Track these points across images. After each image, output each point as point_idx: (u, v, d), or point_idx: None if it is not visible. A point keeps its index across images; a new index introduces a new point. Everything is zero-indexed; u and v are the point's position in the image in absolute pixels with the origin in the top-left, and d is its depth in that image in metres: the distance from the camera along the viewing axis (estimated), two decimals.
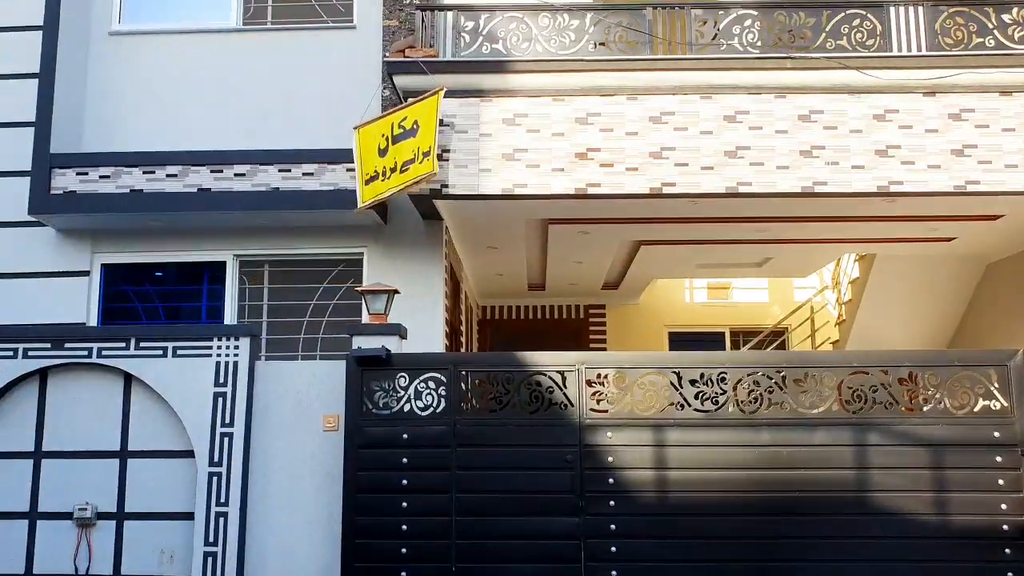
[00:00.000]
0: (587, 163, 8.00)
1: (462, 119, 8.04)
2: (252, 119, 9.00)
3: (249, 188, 8.52)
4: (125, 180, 8.61)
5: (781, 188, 7.85)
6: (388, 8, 9.07)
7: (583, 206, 8.51)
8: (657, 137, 7.95)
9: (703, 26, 8.17)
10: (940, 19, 8.05)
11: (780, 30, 8.08)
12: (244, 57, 9.23)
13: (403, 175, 7.62)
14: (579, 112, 8.06)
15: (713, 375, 6.50)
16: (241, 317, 8.99)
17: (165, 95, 9.16)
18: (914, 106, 7.93)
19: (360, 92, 8.84)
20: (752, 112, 7.91)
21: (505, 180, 8.00)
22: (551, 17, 8.24)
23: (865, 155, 7.87)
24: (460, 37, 8.33)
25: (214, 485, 6.57)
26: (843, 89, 7.90)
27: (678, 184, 7.89)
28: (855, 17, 8.07)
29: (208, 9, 9.48)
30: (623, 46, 8.17)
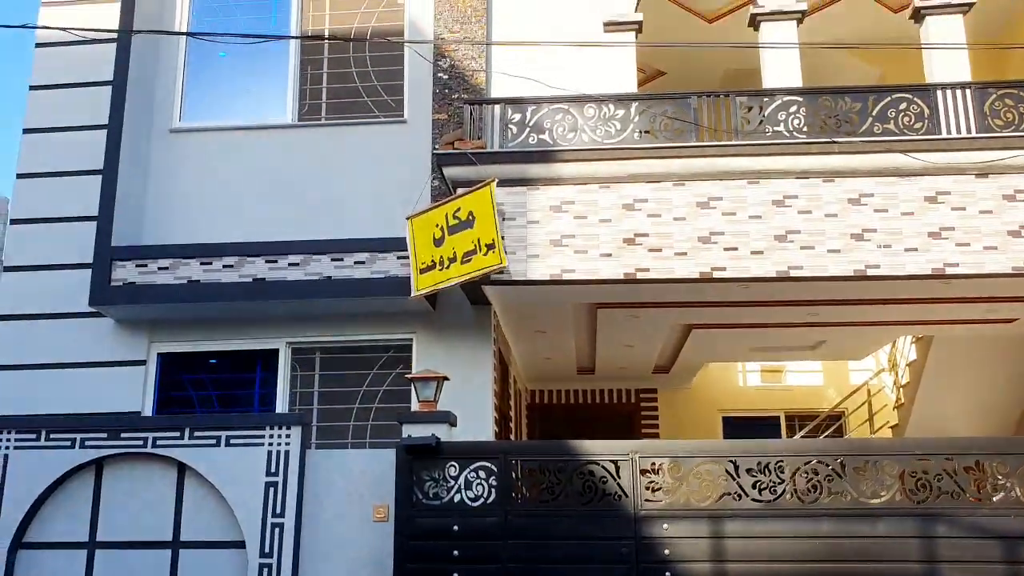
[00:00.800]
0: (635, 248, 8.01)
1: (510, 207, 8.14)
2: (305, 210, 9.23)
3: (302, 277, 8.68)
4: (183, 271, 8.84)
5: (833, 272, 7.76)
6: (437, 103, 9.31)
7: (632, 290, 8.50)
8: (705, 222, 7.95)
9: (748, 112, 8.23)
10: (989, 101, 8.03)
11: (826, 115, 8.12)
12: (299, 151, 9.52)
13: (465, 266, 7.67)
14: (626, 198, 8.12)
15: (770, 464, 6.35)
16: (292, 404, 9.05)
17: (222, 188, 9.45)
18: (967, 188, 7.85)
19: (410, 183, 9.02)
20: (801, 196, 7.89)
21: (553, 266, 8.03)
22: (596, 108, 8.38)
23: (918, 237, 7.77)
24: (507, 128, 8.50)
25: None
26: (893, 172, 7.86)
27: (728, 268, 7.85)
28: (901, 101, 8.08)
29: (265, 106, 9.82)
30: (668, 134, 8.26)
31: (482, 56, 9.40)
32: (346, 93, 9.74)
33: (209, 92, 9.97)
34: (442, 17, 9.53)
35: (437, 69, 9.37)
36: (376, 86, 9.71)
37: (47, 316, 9.09)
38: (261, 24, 10.16)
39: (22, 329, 9.10)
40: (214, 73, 10.02)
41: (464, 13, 9.51)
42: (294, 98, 9.71)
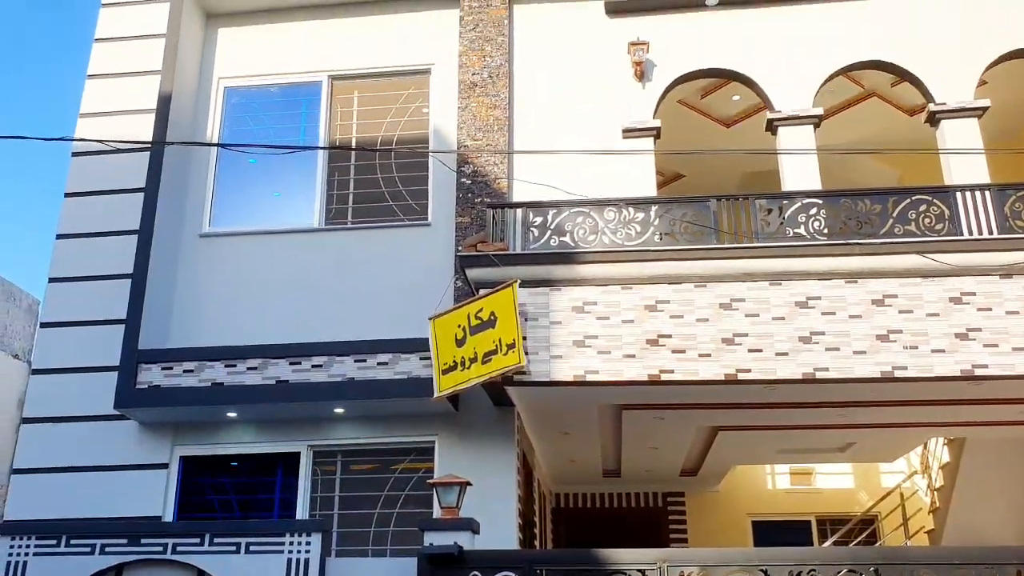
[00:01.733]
0: (659, 349, 7.97)
1: (532, 308, 8.17)
2: (330, 311, 9.32)
3: (325, 379, 8.71)
4: (207, 374, 8.89)
5: (859, 373, 7.67)
6: (461, 206, 9.49)
7: (656, 392, 8.42)
8: (728, 323, 7.93)
9: (768, 215, 8.31)
10: (1008, 202, 8.07)
11: (846, 216, 8.17)
12: (324, 254, 9.68)
13: (485, 366, 7.68)
14: (648, 300, 8.13)
15: (803, 572, 6.14)
16: (313, 509, 8.94)
17: (249, 291, 9.59)
18: (992, 288, 7.80)
19: (433, 284, 9.11)
20: (824, 297, 7.87)
21: (576, 367, 8.00)
22: (616, 211, 8.49)
23: (945, 338, 7.69)
24: (529, 231, 8.61)
25: None
26: (916, 273, 7.84)
27: (753, 370, 7.78)
28: (921, 203, 8.12)
29: (293, 211, 10.06)
30: (688, 236, 8.33)
31: (504, 162, 9.61)
32: (372, 197, 9.96)
33: (238, 197, 10.22)
34: (465, 125, 9.80)
35: (460, 174, 9.58)
36: (401, 191, 9.93)
37: (72, 419, 9.14)
38: (291, 132, 10.50)
39: (47, 432, 9.14)
40: (244, 179, 10.31)
41: (487, 122, 9.78)
42: (321, 202, 9.93)
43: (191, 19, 10.51)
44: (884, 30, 9.68)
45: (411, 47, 10.38)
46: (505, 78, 9.99)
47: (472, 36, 10.16)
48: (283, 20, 10.70)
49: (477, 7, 10.25)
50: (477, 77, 9.99)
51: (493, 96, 9.92)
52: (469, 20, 10.21)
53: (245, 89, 10.63)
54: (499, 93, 9.92)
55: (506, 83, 9.97)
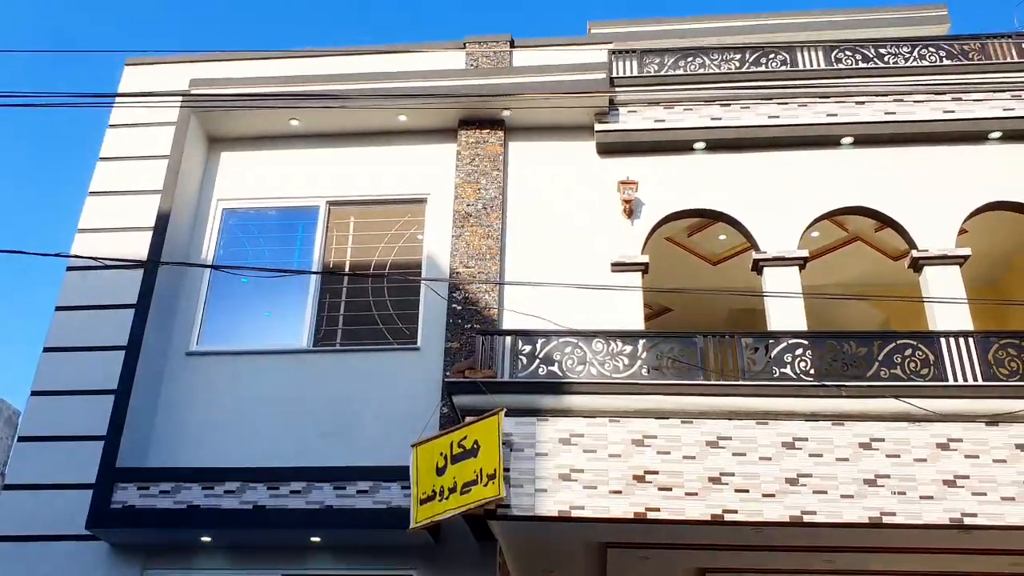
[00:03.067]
0: (645, 486, 7.86)
1: (519, 438, 8.09)
2: (314, 435, 9.21)
3: (303, 505, 8.52)
4: (184, 495, 8.70)
5: (848, 518, 7.55)
6: (451, 332, 9.54)
7: (642, 530, 8.24)
8: (715, 461, 7.85)
9: (754, 353, 8.36)
10: (992, 350, 8.14)
11: (832, 358, 8.22)
12: (312, 375, 9.64)
13: (464, 496, 7.53)
14: (635, 434, 8.07)
15: None
16: None
17: (233, 411, 9.49)
18: (978, 436, 7.79)
19: (420, 409, 9.06)
20: (811, 439, 7.83)
21: (561, 501, 7.86)
22: (604, 343, 8.54)
23: (933, 485, 7.62)
24: (518, 359, 8.62)
25: None
26: (903, 417, 7.84)
27: (739, 511, 7.65)
28: (906, 347, 8.20)
29: (282, 331, 10.09)
30: (675, 371, 8.35)
31: (495, 290, 9.73)
32: (362, 320, 10.01)
33: (229, 316, 10.26)
34: (458, 253, 9.97)
35: (452, 300, 9.68)
36: (392, 315, 10.00)
37: (42, 538, 8.84)
38: (286, 254, 10.64)
39: (14, 552, 8.81)
40: (235, 299, 10.37)
41: (479, 251, 9.95)
42: (311, 324, 9.97)
43: (194, 142, 10.81)
44: (868, 177, 10.03)
45: (409, 177, 10.67)
46: (499, 210, 10.23)
47: (468, 169, 10.46)
48: (284, 147, 11.01)
49: (474, 142, 10.60)
50: (472, 208, 10.23)
51: (487, 226, 10.13)
52: (466, 154, 10.54)
53: (243, 211, 10.84)
54: (492, 224, 10.14)
55: (500, 215, 10.20)
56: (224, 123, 10.95)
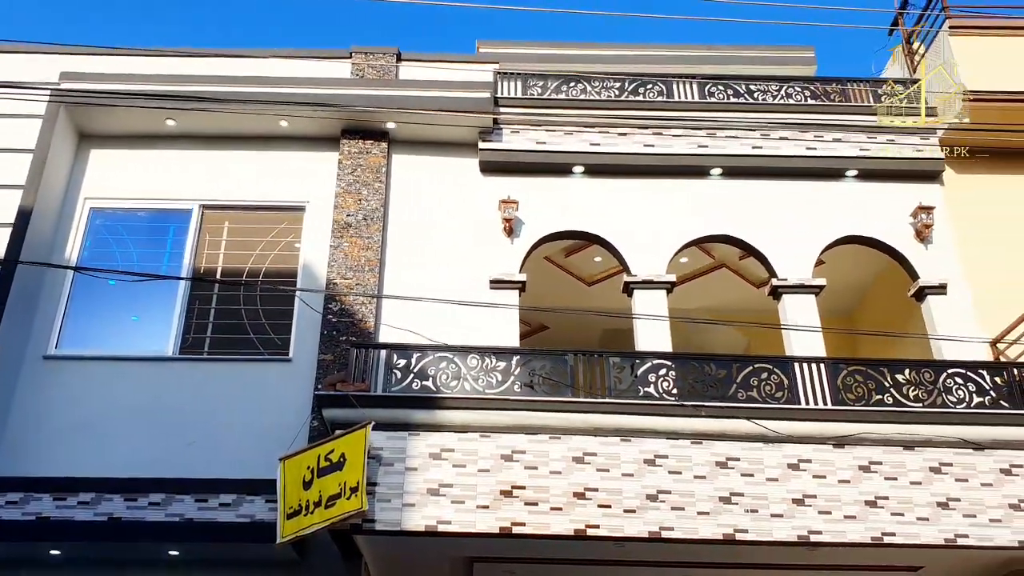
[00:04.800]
0: (512, 501, 7.98)
1: (389, 452, 8.08)
2: (175, 445, 8.90)
3: (162, 518, 8.26)
4: (33, 506, 8.30)
5: (703, 534, 7.86)
6: (324, 343, 9.43)
7: (508, 545, 8.35)
8: (580, 477, 8.04)
9: (621, 372, 8.61)
10: (841, 376, 8.64)
11: (694, 379, 8.55)
12: (176, 385, 9.34)
13: (328, 510, 7.49)
14: (504, 449, 8.18)
15: None
16: None
17: (91, 419, 9.08)
18: (826, 457, 8.24)
19: (289, 422, 8.91)
20: (671, 456, 8.12)
21: (429, 516, 7.89)
22: (479, 358, 8.63)
23: (783, 504, 8.02)
24: (392, 373, 8.61)
25: None
26: (758, 438, 8.23)
27: (601, 527, 7.86)
28: (763, 371, 8.61)
29: (147, 337, 9.74)
30: (547, 388, 8.51)
31: (372, 302, 9.68)
32: (233, 329, 9.77)
33: (92, 320, 9.85)
34: (336, 264, 9.88)
35: (327, 312, 9.57)
36: (263, 324, 9.80)
37: None
38: (155, 257, 10.31)
39: None
40: (100, 301, 9.96)
41: (358, 262, 9.90)
42: (178, 331, 9.67)
43: (63, 137, 10.35)
44: (734, 208, 10.49)
45: (288, 184, 10.51)
46: (379, 221, 10.19)
47: (350, 179, 10.39)
48: (159, 147, 10.68)
49: (356, 152, 10.55)
50: (352, 219, 10.17)
51: (366, 238, 10.08)
52: (348, 164, 10.47)
53: (111, 211, 10.44)
54: (372, 236, 10.10)
55: (380, 226, 10.17)
56: (95, 119, 10.53)
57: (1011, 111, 10.27)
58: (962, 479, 8.19)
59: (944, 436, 8.29)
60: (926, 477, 8.19)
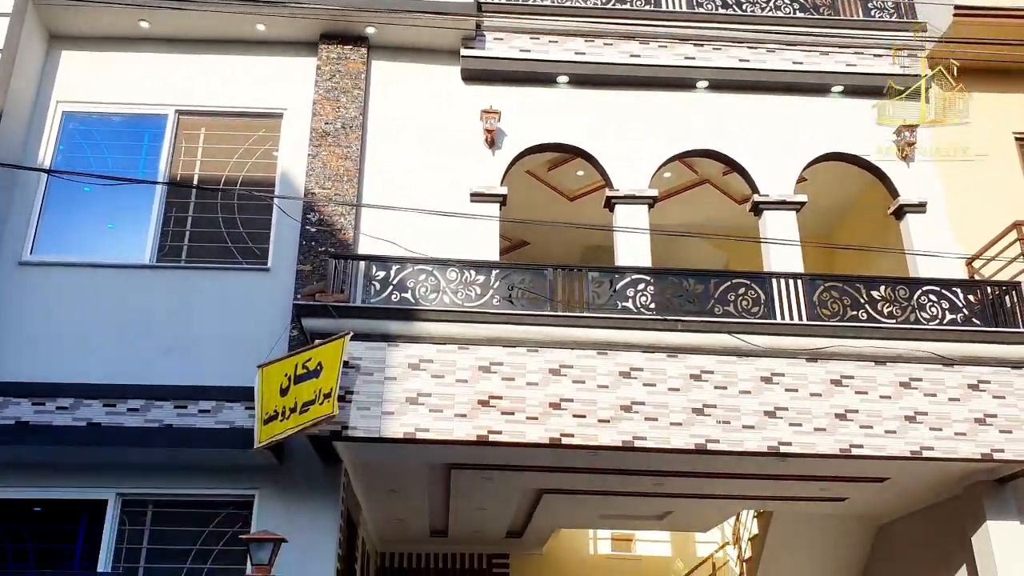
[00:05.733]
0: (489, 410, 8.10)
1: (368, 362, 8.15)
2: (153, 353, 8.89)
3: (141, 424, 8.32)
4: (11, 411, 8.33)
5: (675, 444, 8.04)
6: (303, 254, 9.37)
7: (485, 452, 8.53)
8: (556, 389, 8.16)
9: (599, 287, 8.65)
10: (817, 292, 8.72)
11: (672, 294, 8.61)
12: (154, 292, 9.27)
13: (302, 416, 7.59)
14: (483, 360, 8.27)
15: None
16: (117, 561, 8.42)
17: (69, 325, 9.03)
18: (799, 371, 8.38)
19: (268, 331, 8.89)
20: (646, 369, 8.24)
21: (407, 424, 8.01)
22: (459, 271, 8.63)
23: (755, 415, 8.19)
24: (371, 284, 8.62)
25: None
26: (732, 352, 8.34)
27: (576, 436, 8.01)
28: (740, 286, 8.67)
29: (124, 244, 9.63)
30: (525, 302, 8.55)
31: (351, 213, 9.60)
32: (210, 237, 9.66)
33: (67, 225, 9.71)
34: (314, 173, 9.75)
35: (305, 222, 9.49)
36: (242, 233, 9.70)
37: None
38: (130, 164, 10.11)
39: None
40: (75, 207, 9.81)
41: (336, 172, 9.77)
42: (155, 238, 9.54)
43: (32, 37, 10.02)
44: (719, 122, 10.37)
45: (264, 90, 10.27)
46: (358, 130, 10.03)
47: (328, 86, 10.17)
48: (132, 50, 10.36)
49: (335, 58, 10.29)
50: (330, 127, 9.99)
51: (345, 147, 9.93)
52: (326, 70, 10.24)
53: (84, 115, 10.17)
54: (351, 144, 9.94)
55: (359, 135, 10.01)
56: (66, 18, 10.18)
57: (999, 27, 10.15)
58: (930, 394, 8.38)
59: (915, 352, 8.43)
60: (896, 391, 8.36)
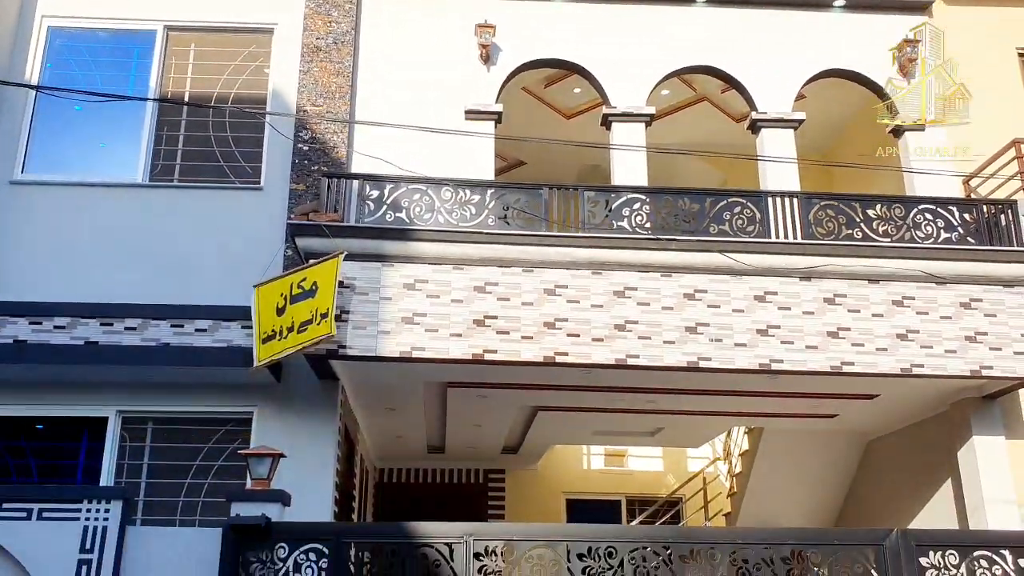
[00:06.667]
0: (484, 330, 8.15)
1: (363, 282, 8.15)
2: (151, 273, 8.91)
3: (139, 343, 8.37)
4: (9, 330, 8.37)
5: (668, 362, 8.12)
6: (296, 173, 9.30)
7: (480, 371, 8.61)
8: (551, 308, 8.19)
9: (595, 207, 8.61)
10: (813, 211, 8.69)
11: (667, 213, 8.59)
12: (148, 212, 9.24)
13: (300, 335, 7.64)
14: (478, 281, 8.28)
15: (601, 549, 6.46)
16: (119, 477, 8.59)
17: (63, 245, 9.03)
18: (792, 289, 8.42)
19: (263, 251, 8.90)
20: (640, 289, 8.26)
21: (403, 343, 8.06)
22: (453, 190, 8.58)
23: (747, 333, 8.25)
24: (365, 204, 8.57)
25: None
26: (726, 271, 8.36)
27: (570, 354, 8.08)
28: (736, 205, 8.64)
29: (116, 164, 9.55)
30: (521, 221, 8.52)
31: (344, 131, 9.49)
32: (202, 156, 9.58)
33: (58, 145, 9.62)
34: (306, 90, 9.60)
35: (298, 140, 9.39)
36: (234, 151, 9.61)
37: None
38: (120, 80, 9.95)
39: None
40: (65, 125, 9.71)
41: (328, 88, 9.61)
42: (147, 157, 9.46)
43: None
44: (718, 37, 10.18)
45: (255, 4, 10.02)
46: (350, 46, 9.83)
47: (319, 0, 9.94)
48: None
49: None
50: (321, 42, 9.80)
51: (337, 63, 9.75)
52: None
53: (72, 31, 9.96)
54: (343, 60, 9.76)
55: (351, 51, 9.82)
56: None
57: None
58: (922, 312, 8.44)
59: (908, 270, 8.45)
60: (888, 310, 8.41)
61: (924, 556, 6.47)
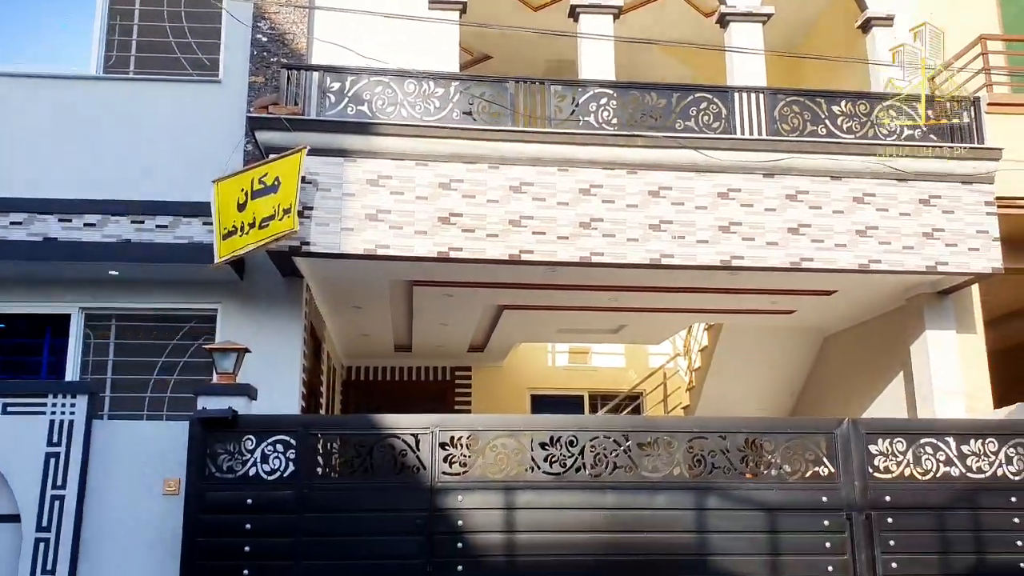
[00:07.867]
0: (449, 227, 8.14)
1: (325, 177, 8.05)
2: (108, 168, 8.70)
3: (99, 239, 8.25)
4: None
5: (631, 259, 8.19)
6: (255, 65, 9.04)
7: (446, 269, 8.63)
8: (516, 206, 8.17)
9: (561, 101, 8.51)
10: (778, 107, 8.66)
11: (634, 109, 8.51)
12: (103, 105, 8.95)
13: (262, 231, 7.57)
14: (442, 177, 8.22)
15: (563, 438, 6.62)
16: (84, 373, 8.59)
17: (14, 139, 8.74)
18: (755, 186, 8.46)
19: (223, 146, 8.71)
20: (605, 186, 8.26)
21: (368, 240, 8.03)
22: (416, 84, 8.41)
23: (709, 230, 8.32)
24: (326, 97, 8.38)
25: (40, 552, 6.19)
26: (690, 168, 8.36)
27: (535, 252, 8.12)
28: (702, 100, 8.58)
29: (68, 54, 9.20)
30: (486, 117, 8.40)
31: (304, 21, 9.20)
32: (158, 47, 9.24)
33: (6, 34, 9.22)
34: None
35: (256, 30, 9.09)
36: (191, 43, 9.29)
37: None
38: None
39: None
40: (12, 12, 9.29)
41: None
42: (100, 48, 9.12)
43: None
44: None
45: None
46: None
47: None
48: None
49: None
50: None
51: None
52: None
53: None
54: None
55: None
56: None
57: None
58: (882, 208, 8.55)
59: (870, 167, 8.51)
60: (848, 207, 8.51)
61: (873, 444, 6.71)
